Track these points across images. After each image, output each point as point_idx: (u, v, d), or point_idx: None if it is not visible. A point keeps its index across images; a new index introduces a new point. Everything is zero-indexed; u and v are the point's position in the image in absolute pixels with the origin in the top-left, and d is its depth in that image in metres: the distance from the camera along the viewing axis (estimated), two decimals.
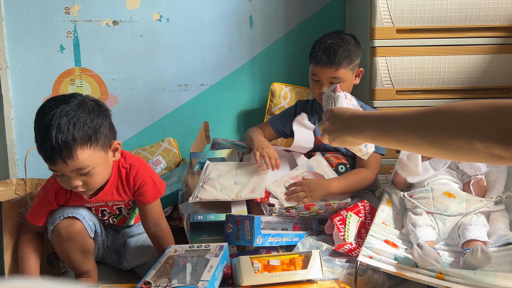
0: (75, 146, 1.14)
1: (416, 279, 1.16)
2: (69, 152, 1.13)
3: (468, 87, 1.89)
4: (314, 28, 2.30)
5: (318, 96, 1.67)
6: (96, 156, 1.19)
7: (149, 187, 1.33)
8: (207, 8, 2.26)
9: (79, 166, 1.16)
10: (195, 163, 1.75)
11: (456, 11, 1.83)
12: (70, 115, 1.14)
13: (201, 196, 1.50)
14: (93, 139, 1.17)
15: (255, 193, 1.50)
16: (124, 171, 1.31)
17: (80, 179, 1.19)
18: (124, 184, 1.32)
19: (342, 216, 1.40)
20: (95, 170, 1.19)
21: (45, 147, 1.14)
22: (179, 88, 2.31)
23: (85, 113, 1.16)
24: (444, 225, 1.34)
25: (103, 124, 1.20)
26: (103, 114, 1.21)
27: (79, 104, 1.17)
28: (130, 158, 1.34)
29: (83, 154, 1.15)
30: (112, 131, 1.25)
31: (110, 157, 1.25)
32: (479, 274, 1.12)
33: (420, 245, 1.17)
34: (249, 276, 1.15)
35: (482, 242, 1.24)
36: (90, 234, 1.31)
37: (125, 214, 1.43)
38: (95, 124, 1.17)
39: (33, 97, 2.25)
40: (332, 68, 1.61)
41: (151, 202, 1.34)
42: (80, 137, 1.14)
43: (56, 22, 2.22)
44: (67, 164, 1.14)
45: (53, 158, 1.14)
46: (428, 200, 1.39)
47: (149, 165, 1.38)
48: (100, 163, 1.20)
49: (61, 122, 1.12)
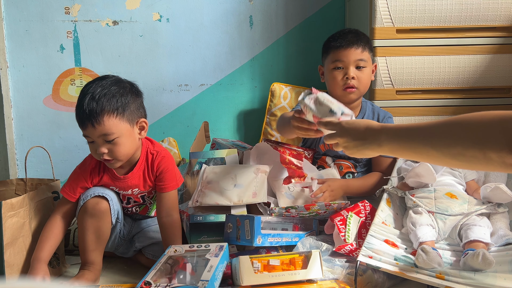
0: (103, 112, 1.29)
1: (416, 278, 1.16)
2: (97, 117, 1.28)
3: (468, 87, 1.89)
4: (314, 28, 2.30)
5: (342, 87, 1.61)
6: (122, 126, 1.32)
7: (170, 175, 1.43)
8: (207, 8, 2.26)
9: (105, 132, 1.30)
10: (194, 163, 1.75)
11: (456, 11, 1.83)
12: (104, 86, 1.32)
13: (201, 201, 1.49)
14: (119, 110, 1.31)
15: (257, 197, 1.49)
16: (151, 156, 1.43)
17: (106, 147, 1.32)
18: (149, 169, 1.43)
19: (343, 216, 1.40)
20: (120, 140, 1.32)
21: (78, 112, 1.30)
22: (179, 88, 2.31)
23: (117, 88, 1.33)
24: (445, 225, 1.34)
25: (131, 101, 1.35)
26: (134, 93, 1.37)
27: (115, 80, 1.36)
28: (158, 146, 1.47)
29: (109, 121, 1.29)
30: (140, 110, 1.39)
31: (136, 133, 1.38)
32: (479, 274, 1.12)
33: (425, 250, 1.17)
34: (249, 276, 1.15)
35: (485, 243, 1.24)
36: (113, 218, 1.39)
37: (147, 204, 1.51)
38: (124, 98, 1.33)
39: (33, 97, 2.25)
40: (359, 49, 1.59)
41: (169, 190, 1.43)
42: (108, 105, 1.29)
43: (56, 22, 2.22)
44: (95, 128, 1.29)
45: (83, 122, 1.30)
46: (430, 200, 1.39)
47: (173, 157, 1.49)
48: (125, 134, 1.33)
49: (95, 92, 1.30)
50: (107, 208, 1.37)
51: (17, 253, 1.33)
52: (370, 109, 1.71)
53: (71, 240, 1.63)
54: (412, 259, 1.22)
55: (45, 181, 1.57)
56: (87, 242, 1.36)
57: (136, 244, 1.52)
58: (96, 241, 1.37)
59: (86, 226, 1.36)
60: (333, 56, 1.63)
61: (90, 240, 1.36)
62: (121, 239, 1.51)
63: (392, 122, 1.69)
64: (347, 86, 1.60)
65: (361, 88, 1.62)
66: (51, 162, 1.62)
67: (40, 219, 1.43)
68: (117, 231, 1.46)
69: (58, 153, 2.25)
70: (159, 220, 1.43)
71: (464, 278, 1.11)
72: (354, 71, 1.60)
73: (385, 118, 1.70)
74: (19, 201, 1.35)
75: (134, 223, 1.55)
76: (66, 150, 2.28)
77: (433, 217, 1.35)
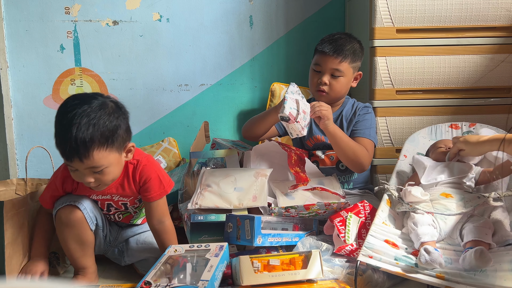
0: (92, 146, 1.18)
1: (416, 278, 1.16)
2: (86, 152, 1.18)
3: (468, 87, 1.89)
4: (314, 28, 2.30)
5: (315, 87, 1.71)
6: (111, 156, 1.24)
7: (154, 184, 1.35)
8: (207, 8, 2.26)
9: (94, 165, 1.21)
10: (194, 162, 1.75)
11: (456, 11, 1.83)
12: (91, 116, 1.18)
13: (201, 203, 1.49)
14: (109, 141, 1.21)
15: (257, 201, 1.49)
16: (131, 166, 1.35)
17: (92, 176, 1.24)
18: (130, 179, 1.35)
19: (342, 217, 1.40)
20: (108, 169, 1.24)
21: (64, 145, 1.18)
22: (179, 88, 2.31)
23: (105, 115, 1.20)
24: (446, 224, 1.34)
25: (120, 126, 1.24)
26: (122, 116, 1.26)
27: (100, 105, 1.21)
28: (138, 154, 1.37)
29: (99, 154, 1.20)
30: (128, 133, 1.29)
31: (123, 157, 1.30)
32: (479, 274, 1.12)
33: (428, 250, 1.17)
34: (249, 276, 1.15)
35: (486, 244, 1.24)
36: (91, 226, 1.35)
37: (131, 212, 1.46)
38: (113, 126, 1.22)
39: (33, 97, 2.25)
40: (337, 59, 1.65)
41: (156, 199, 1.36)
42: (98, 138, 1.19)
43: (56, 22, 2.22)
44: (83, 162, 1.20)
45: (70, 156, 1.19)
46: (427, 204, 1.40)
47: (157, 163, 1.41)
48: (113, 163, 1.25)
49: (82, 122, 1.17)
50: (80, 217, 1.32)
51: (16, 252, 1.34)
52: (350, 103, 1.78)
53: None
54: (413, 259, 1.22)
55: (45, 181, 1.57)
56: (71, 250, 1.34)
57: (126, 259, 1.47)
58: (81, 248, 1.34)
59: (65, 236, 1.33)
60: (315, 59, 1.71)
61: (74, 249, 1.34)
62: (108, 244, 1.47)
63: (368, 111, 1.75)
64: (319, 89, 1.69)
65: (331, 94, 1.69)
66: (52, 162, 1.62)
67: None
68: (100, 236, 1.41)
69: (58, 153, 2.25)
70: (151, 228, 1.39)
71: (464, 278, 1.11)
72: (329, 78, 1.68)
73: (361, 109, 1.75)
74: (20, 200, 1.36)
75: (120, 230, 1.51)
76: None
77: (433, 217, 1.35)
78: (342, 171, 1.74)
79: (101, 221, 1.41)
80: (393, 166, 1.66)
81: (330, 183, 1.62)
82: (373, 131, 1.72)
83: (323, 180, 1.64)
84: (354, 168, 1.67)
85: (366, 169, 1.70)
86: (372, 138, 1.70)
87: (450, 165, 1.50)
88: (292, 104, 1.50)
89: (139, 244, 1.48)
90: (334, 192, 1.55)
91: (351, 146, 1.62)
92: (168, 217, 1.40)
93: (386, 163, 1.92)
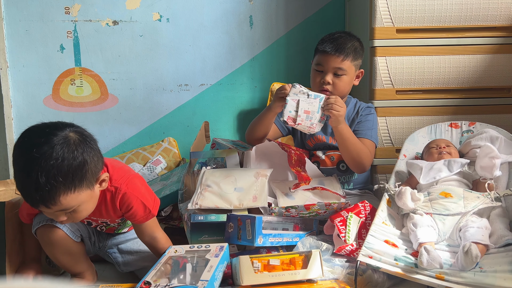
0: (58, 193, 1.06)
1: (416, 279, 1.16)
2: (51, 199, 1.07)
3: (468, 87, 1.89)
4: (314, 28, 2.30)
5: (318, 87, 1.69)
6: (81, 196, 1.12)
7: (138, 210, 1.26)
8: (207, 8, 2.26)
9: (63, 208, 1.11)
10: (194, 162, 1.75)
11: (456, 11, 1.83)
12: (53, 157, 1.04)
13: (201, 203, 1.49)
14: (77, 183, 1.09)
15: (257, 201, 1.49)
16: (109, 194, 1.24)
17: (65, 215, 1.14)
18: (109, 206, 1.26)
19: (343, 217, 1.40)
20: (81, 207, 1.14)
21: (25, 193, 1.07)
22: (179, 88, 2.31)
23: (68, 153, 1.06)
24: (444, 225, 1.34)
25: (88, 161, 1.10)
26: (88, 148, 1.11)
27: (61, 143, 1.06)
28: (116, 180, 1.24)
29: (66, 198, 1.08)
30: (98, 163, 1.15)
31: (97, 190, 1.18)
32: (479, 274, 1.12)
33: (427, 250, 1.17)
34: (249, 276, 1.15)
35: (483, 245, 1.24)
36: (75, 238, 1.30)
37: (114, 226, 1.42)
38: (79, 163, 1.08)
39: (33, 97, 2.26)
40: (339, 58, 1.64)
41: (143, 222, 1.30)
42: (63, 183, 1.06)
43: (56, 22, 2.22)
44: (50, 208, 1.09)
45: (34, 204, 1.08)
46: (426, 203, 1.40)
47: (138, 183, 1.28)
48: (85, 201, 1.14)
49: (43, 167, 1.03)
50: (62, 234, 1.26)
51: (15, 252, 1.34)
52: (353, 103, 1.78)
53: None
54: (412, 259, 1.22)
55: None
56: (62, 262, 1.31)
57: (122, 268, 1.43)
58: (71, 258, 1.30)
59: (52, 252, 1.29)
60: (317, 59, 1.70)
61: (64, 260, 1.30)
62: (97, 249, 1.44)
63: (371, 112, 1.75)
64: (322, 89, 1.68)
65: (335, 93, 1.67)
66: None
67: None
68: (87, 243, 1.38)
69: None
70: (144, 242, 1.35)
71: (464, 278, 1.11)
72: (332, 77, 1.66)
73: (364, 109, 1.75)
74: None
75: (109, 236, 1.46)
76: None
77: (432, 219, 1.35)
78: (343, 171, 1.74)
79: (86, 232, 1.36)
80: (393, 166, 1.66)
81: (331, 183, 1.62)
82: (374, 132, 1.72)
83: (324, 181, 1.64)
84: (355, 168, 1.67)
85: (367, 170, 1.70)
86: (373, 139, 1.70)
87: (445, 162, 1.51)
88: (292, 107, 1.51)
89: (134, 252, 1.44)
90: (334, 192, 1.55)
91: (356, 147, 1.62)
92: (159, 231, 1.34)
93: (386, 163, 1.92)
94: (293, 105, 1.51)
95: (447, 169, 1.49)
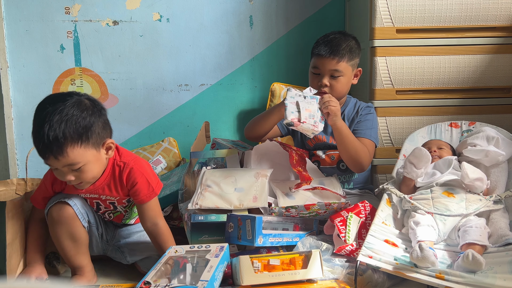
0: (66, 143, 1.17)
1: (416, 278, 1.16)
2: (59, 149, 1.17)
3: (468, 87, 1.89)
4: (314, 28, 2.30)
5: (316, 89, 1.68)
6: (87, 153, 1.22)
7: (142, 187, 1.34)
8: (207, 8, 2.26)
9: (70, 162, 1.20)
10: (194, 162, 1.75)
11: (456, 11, 1.83)
12: (63, 112, 1.18)
13: (201, 203, 1.49)
14: (83, 138, 1.20)
15: (257, 202, 1.49)
16: (117, 169, 1.34)
17: (72, 174, 1.23)
18: (117, 182, 1.35)
19: (343, 217, 1.40)
20: (87, 167, 1.24)
21: (37, 143, 1.19)
22: (179, 88, 2.31)
23: (78, 111, 1.20)
24: (444, 225, 1.34)
25: (95, 123, 1.23)
26: (96, 113, 1.24)
27: (73, 102, 1.20)
28: (125, 157, 1.36)
29: (73, 151, 1.19)
30: (105, 130, 1.28)
31: (103, 155, 1.29)
32: (479, 274, 1.12)
33: (421, 247, 1.17)
34: (249, 276, 1.15)
35: (481, 246, 1.24)
36: (82, 222, 1.34)
37: (121, 212, 1.45)
38: (87, 122, 1.21)
39: (33, 97, 2.25)
40: (334, 60, 1.65)
41: (146, 202, 1.36)
42: (70, 135, 1.18)
43: (56, 22, 2.22)
44: (58, 160, 1.19)
45: (44, 154, 1.19)
46: (428, 201, 1.39)
47: (145, 164, 1.39)
48: (91, 160, 1.24)
49: (54, 120, 1.16)
50: (71, 213, 1.31)
51: (15, 252, 1.34)
52: (352, 103, 1.78)
53: None
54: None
55: None
56: (65, 248, 1.33)
57: (128, 259, 1.46)
58: (74, 246, 1.33)
59: (58, 234, 1.32)
60: (313, 62, 1.71)
61: (67, 246, 1.33)
62: (105, 243, 1.47)
63: (370, 112, 1.75)
64: (320, 91, 1.68)
65: (333, 94, 1.68)
66: None
67: None
68: (95, 235, 1.41)
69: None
70: (146, 230, 1.39)
71: (464, 278, 1.11)
72: (329, 79, 1.67)
73: (364, 108, 1.76)
74: (21, 201, 1.36)
75: (117, 229, 1.51)
76: None
77: (433, 218, 1.35)
78: (343, 171, 1.74)
79: (94, 219, 1.40)
80: (393, 166, 1.66)
81: (331, 183, 1.62)
82: (374, 131, 1.72)
83: (324, 180, 1.64)
84: (353, 167, 1.67)
85: (365, 170, 1.70)
86: (373, 139, 1.71)
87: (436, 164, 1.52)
88: (292, 108, 1.51)
89: (140, 243, 1.48)
90: (334, 192, 1.55)
91: (354, 145, 1.62)
92: (161, 219, 1.39)
93: (386, 163, 1.92)
94: (293, 106, 1.51)
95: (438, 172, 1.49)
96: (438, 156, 1.57)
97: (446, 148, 1.61)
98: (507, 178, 1.50)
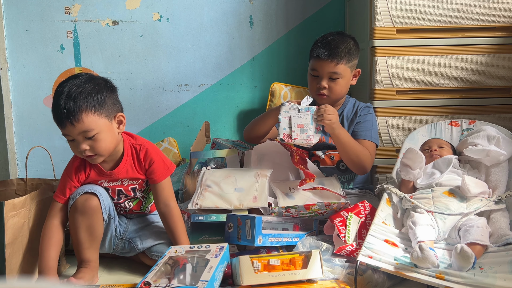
0: (81, 110, 1.30)
1: (416, 278, 1.16)
2: (76, 115, 1.30)
3: (468, 87, 1.89)
4: (314, 28, 2.30)
5: (315, 91, 1.70)
6: (100, 122, 1.34)
7: (159, 165, 1.45)
8: (207, 8, 2.26)
9: (85, 129, 1.31)
10: (194, 162, 1.75)
11: (456, 11, 1.83)
12: (79, 84, 1.33)
13: (201, 203, 1.49)
14: (97, 107, 1.33)
15: (257, 202, 1.49)
16: (134, 150, 1.46)
17: (87, 143, 1.33)
18: (135, 161, 1.46)
19: (343, 217, 1.40)
20: (100, 135, 1.34)
21: (56, 111, 1.31)
22: (179, 88, 2.31)
23: (92, 85, 1.34)
24: (444, 224, 1.34)
25: (107, 97, 1.36)
26: (109, 89, 1.39)
27: (88, 78, 1.37)
28: (139, 140, 1.49)
29: (88, 118, 1.31)
30: (116, 104, 1.41)
31: (114, 127, 1.39)
32: (479, 274, 1.12)
33: (421, 248, 1.17)
34: (249, 276, 1.15)
35: (482, 245, 1.24)
36: (104, 214, 1.40)
37: (140, 198, 1.51)
38: (99, 95, 1.34)
39: (33, 97, 2.26)
40: (332, 62, 1.65)
41: (162, 180, 1.45)
42: (85, 101, 1.31)
43: (56, 22, 2.22)
44: (74, 126, 1.30)
45: (62, 121, 1.31)
46: (428, 200, 1.39)
47: (156, 147, 1.51)
48: (104, 129, 1.35)
49: (71, 90, 1.31)
50: (97, 204, 1.38)
51: (16, 252, 1.34)
52: (351, 103, 1.78)
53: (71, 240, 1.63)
54: None
55: (45, 181, 1.57)
56: (80, 240, 1.38)
57: (139, 246, 1.49)
58: (90, 239, 1.38)
59: (78, 224, 1.37)
60: (312, 64, 1.71)
61: (83, 238, 1.38)
62: (118, 238, 1.50)
63: (369, 112, 1.75)
64: (319, 93, 1.69)
65: (332, 96, 1.69)
66: (52, 162, 1.62)
67: (39, 219, 1.43)
68: (111, 229, 1.46)
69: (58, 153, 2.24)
70: (159, 211, 1.46)
71: (464, 278, 1.11)
72: (327, 81, 1.67)
73: (363, 109, 1.76)
74: (21, 201, 1.36)
75: (129, 221, 1.55)
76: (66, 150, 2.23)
77: (432, 217, 1.35)
78: (343, 171, 1.74)
79: (113, 211, 1.46)
80: (393, 166, 1.66)
81: (331, 183, 1.62)
82: (374, 132, 1.72)
83: (324, 181, 1.64)
84: (356, 170, 1.67)
85: (368, 171, 1.70)
86: (373, 139, 1.70)
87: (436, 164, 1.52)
88: (285, 124, 1.53)
89: (153, 229, 1.53)
90: (334, 192, 1.55)
91: (355, 150, 1.62)
92: (173, 201, 1.46)
93: (386, 163, 1.92)
94: (285, 122, 1.53)
95: (438, 172, 1.49)
96: (438, 155, 1.57)
97: (447, 147, 1.61)
98: (508, 178, 1.50)
